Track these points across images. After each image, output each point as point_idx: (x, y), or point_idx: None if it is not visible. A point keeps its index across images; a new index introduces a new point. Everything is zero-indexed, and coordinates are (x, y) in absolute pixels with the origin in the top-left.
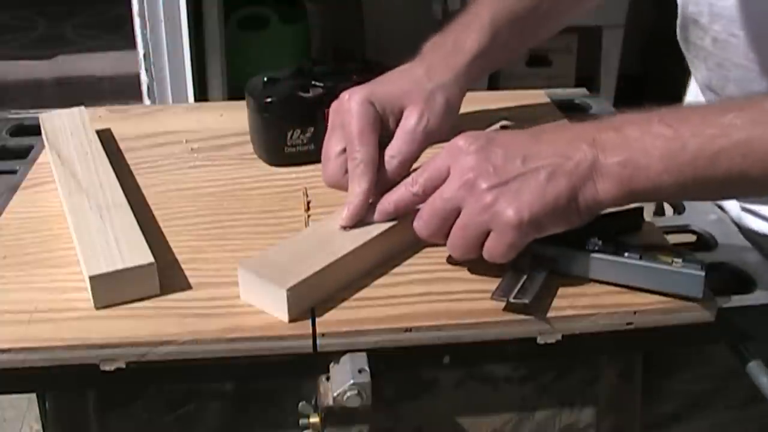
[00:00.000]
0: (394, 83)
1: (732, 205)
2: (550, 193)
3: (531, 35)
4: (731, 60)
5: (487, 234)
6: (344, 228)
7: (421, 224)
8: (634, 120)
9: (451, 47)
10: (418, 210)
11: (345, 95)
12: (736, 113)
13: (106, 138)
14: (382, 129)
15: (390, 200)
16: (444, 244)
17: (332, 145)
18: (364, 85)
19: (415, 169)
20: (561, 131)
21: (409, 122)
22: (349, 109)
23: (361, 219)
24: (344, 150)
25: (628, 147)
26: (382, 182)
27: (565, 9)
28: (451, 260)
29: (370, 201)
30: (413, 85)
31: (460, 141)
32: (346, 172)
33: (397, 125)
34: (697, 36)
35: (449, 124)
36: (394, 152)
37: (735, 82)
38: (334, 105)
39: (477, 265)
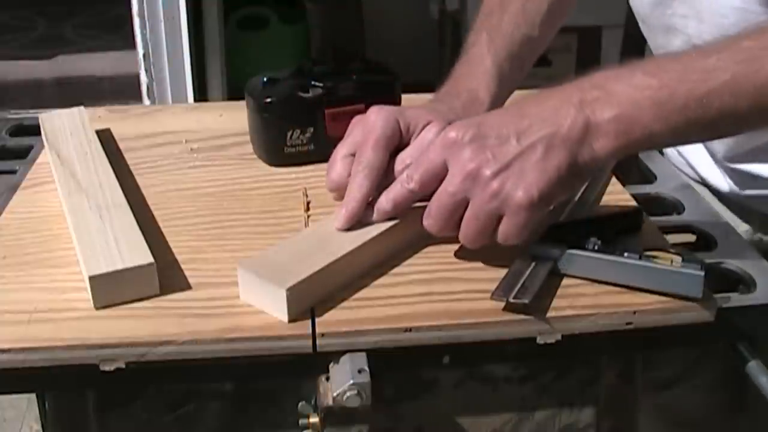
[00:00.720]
0: (422, 107)
1: (720, 181)
2: (552, 165)
3: (529, 62)
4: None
5: (499, 219)
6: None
7: (431, 222)
8: (616, 75)
9: (467, 97)
10: (416, 208)
11: (373, 109)
12: (717, 56)
13: (106, 138)
14: (402, 145)
15: (388, 199)
16: (454, 237)
17: (342, 148)
18: (390, 107)
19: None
20: (544, 100)
21: (429, 134)
22: (373, 120)
23: (358, 222)
24: (353, 154)
25: (617, 102)
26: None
27: (552, 29)
28: (459, 253)
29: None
30: (440, 112)
31: (451, 133)
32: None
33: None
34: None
35: None
36: (405, 156)
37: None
38: (358, 116)
39: (477, 264)
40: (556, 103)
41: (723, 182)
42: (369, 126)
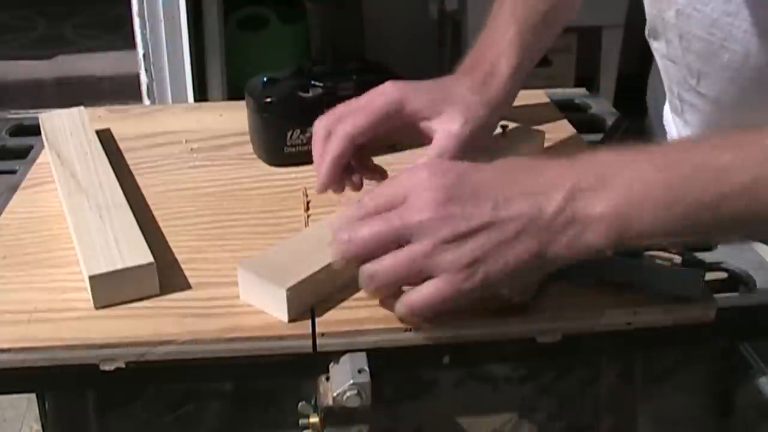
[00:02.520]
0: (437, 88)
1: None
2: (515, 253)
3: (552, 34)
4: (693, 32)
5: (422, 280)
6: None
7: (350, 239)
8: (618, 163)
9: (488, 69)
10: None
11: (388, 83)
12: (734, 153)
13: (106, 138)
14: (403, 126)
15: (336, 224)
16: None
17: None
18: (408, 84)
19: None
20: (538, 174)
21: (453, 126)
22: (379, 93)
23: (329, 187)
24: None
25: (614, 196)
26: None
27: (572, 5)
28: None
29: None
30: (457, 95)
31: (424, 171)
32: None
33: (431, 126)
34: (660, 8)
35: (483, 140)
36: (440, 151)
37: (696, 53)
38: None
39: None
40: (548, 181)
41: None
42: (373, 95)
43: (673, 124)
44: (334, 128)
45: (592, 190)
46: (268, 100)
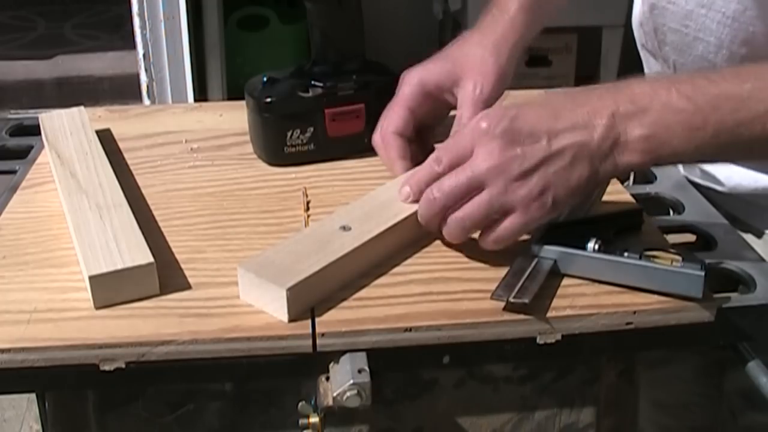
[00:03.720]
0: (448, 58)
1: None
2: (575, 176)
3: (555, 8)
4: (667, 25)
5: (501, 218)
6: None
7: (438, 196)
8: (651, 91)
9: (497, 11)
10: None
11: (404, 74)
12: (753, 84)
13: (106, 138)
14: (438, 103)
15: (415, 180)
16: (438, 231)
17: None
18: (424, 64)
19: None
20: (580, 104)
21: (467, 92)
22: (401, 84)
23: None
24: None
25: (649, 121)
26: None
27: None
28: (458, 253)
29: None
30: (466, 56)
31: (483, 123)
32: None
33: (453, 95)
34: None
35: (503, 86)
36: (464, 120)
37: (671, 45)
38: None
39: (476, 264)
40: (591, 110)
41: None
42: (398, 92)
43: None
44: (383, 134)
45: (629, 115)
46: (268, 100)
